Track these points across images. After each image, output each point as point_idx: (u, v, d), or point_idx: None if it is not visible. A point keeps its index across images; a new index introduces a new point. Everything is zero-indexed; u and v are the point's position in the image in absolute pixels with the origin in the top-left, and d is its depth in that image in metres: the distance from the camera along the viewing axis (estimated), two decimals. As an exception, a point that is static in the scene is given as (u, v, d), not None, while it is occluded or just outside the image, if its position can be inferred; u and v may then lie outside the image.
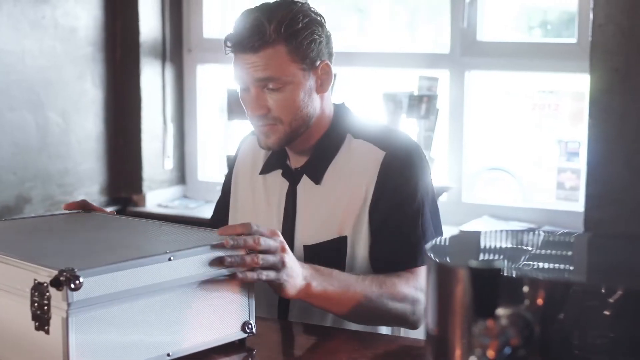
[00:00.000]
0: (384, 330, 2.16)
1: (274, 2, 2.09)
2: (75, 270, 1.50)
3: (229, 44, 2.05)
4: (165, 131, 4.33)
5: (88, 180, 4.09)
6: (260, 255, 1.78)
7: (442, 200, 3.69)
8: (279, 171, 2.22)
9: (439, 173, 3.81)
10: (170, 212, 4.13)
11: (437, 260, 1.13)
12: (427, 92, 3.69)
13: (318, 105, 2.10)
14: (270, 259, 1.79)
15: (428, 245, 1.19)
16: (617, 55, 3.22)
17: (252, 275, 1.77)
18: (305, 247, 2.12)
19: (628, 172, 3.21)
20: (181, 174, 4.46)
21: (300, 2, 2.09)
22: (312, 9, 2.11)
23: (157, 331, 1.66)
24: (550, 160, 3.85)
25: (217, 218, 2.37)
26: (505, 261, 1.20)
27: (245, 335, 1.81)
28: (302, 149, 2.16)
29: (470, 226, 3.59)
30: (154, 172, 4.30)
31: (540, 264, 1.20)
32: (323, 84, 2.10)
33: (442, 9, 3.91)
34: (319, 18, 2.10)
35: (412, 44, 4.24)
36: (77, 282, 1.49)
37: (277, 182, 2.22)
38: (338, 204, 2.11)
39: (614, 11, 3.22)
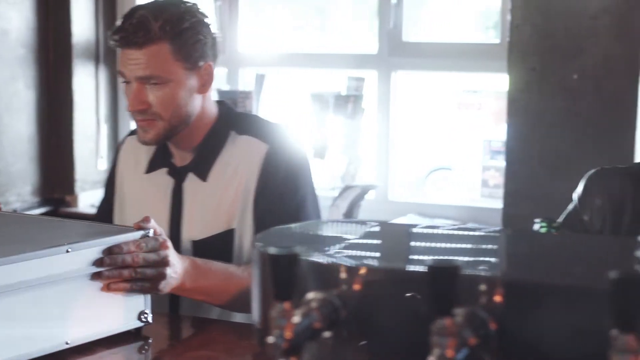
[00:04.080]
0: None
1: (163, 1, 2.13)
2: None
3: (115, 37, 2.08)
4: (98, 132, 4.35)
5: (20, 181, 4.10)
6: (139, 269, 1.83)
7: (368, 199, 3.75)
8: (164, 170, 2.25)
9: (366, 172, 3.87)
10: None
11: (261, 249, 1.18)
12: (354, 92, 3.75)
13: (199, 104, 2.15)
14: (148, 272, 1.85)
15: (259, 234, 1.24)
16: (533, 55, 3.30)
17: (124, 286, 1.82)
18: (194, 242, 2.18)
19: (543, 169, 3.29)
20: (115, 175, 4.47)
21: (189, 3, 2.14)
22: (200, 10, 2.15)
23: (56, 321, 1.71)
24: (476, 159, 3.92)
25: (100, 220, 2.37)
26: (311, 248, 1.24)
27: (142, 324, 1.86)
28: (186, 148, 2.20)
29: (396, 223, 3.65)
30: (87, 173, 4.31)
31: (354, 252, 1.26)
32: (205, 85, 2.15)
33: (371, 9, 3.97)
34: (205, 20, 2.15)
35: (343, 44, 4.30)
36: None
37: (163, 180, 2.25)
38: (224, 199, 2.16)
39: (530, 12, 3.30)
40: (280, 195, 2.12)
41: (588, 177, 2.02)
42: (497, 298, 1.11)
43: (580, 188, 2.03)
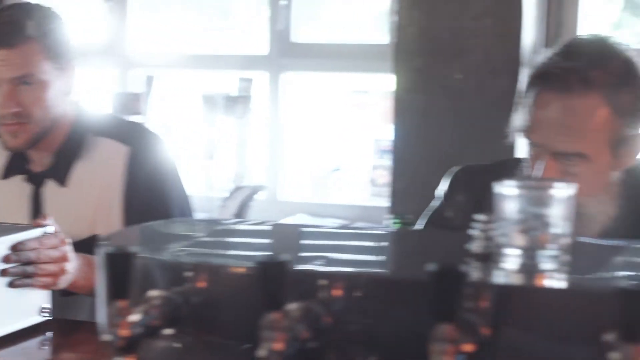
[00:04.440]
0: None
1: (26, 2, 2.12)
2: None
3: None
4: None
5: None
6: (42, 266, 1.85)
7: (258, 199, 3.76)
8: (21, 176, 2.22)
9: (256, 172, 3.88)
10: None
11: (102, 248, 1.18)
12: (244, 93, 3.76)
13: (65, 106, 2.13)
14: (51, 268, 1.86)
15: (107, 235, 1.24)
16: (418, 55, 3.35)
17: (28, 282, 1.84)
18: None
19: (429, 168, 3.33)
20: None
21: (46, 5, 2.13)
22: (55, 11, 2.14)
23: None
24: (366, 159, 3.96)
25: None
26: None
27: (43, 319, 1.87)
28: (44, 153, 2.18)
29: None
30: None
31: (198, 250, 1.27)
32: (71, 86, 2.14)
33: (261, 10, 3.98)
34: (63, 21, 2.14)
35: (233, 45, 4.29)
36: None
37: (20, 187, 2.22)
38: (87, 204, 2.14)
39: (415, 13, 3.34)
40: (149, 197, 2.12)
41: (452, 174, 2.06)
42: (335, 292, 1.12)
43: (444, 185, 2.06)
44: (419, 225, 2.08)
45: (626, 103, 1.75)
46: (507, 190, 1.15)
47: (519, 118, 1.84)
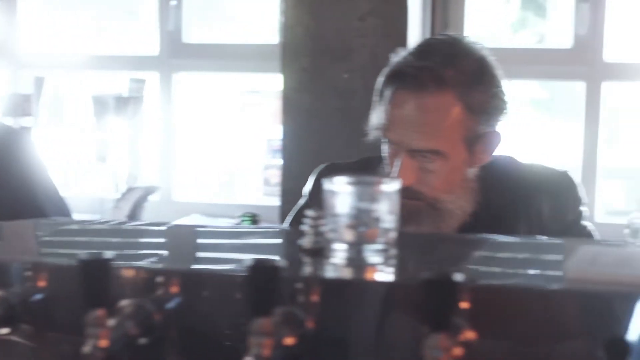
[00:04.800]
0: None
1: None
2: None
3: None
4: None
5: None
6: None
7: (153, 200, 3.76)
8: None
9: (150, 173, 3.87)
10: None
11: None
12: (135, 93, 3.74)
13: None
14: None
15: None
16: (305, 55, 3.38)
17: None
18: None
19: (317, 166, 3.36)
20: None
21: None
22: None
23: None
24: (259, 158, 3.98)
25: None
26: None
27: None
28: None
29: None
30: None
31: None
32: None
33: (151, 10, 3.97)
34: None
35: (124, 46, 4.27)
36: None
37: None
38: None
39: (302, 13, 3.37)
40: (14, 197, 2.11)
41: (317, 172, 2.08)
42: (164, 289, 1.14)
43: (309, 183, 2.09)
44: (287, 223, 2.11)
45: (479, 101, 1.80)
46: (336, 187, 1.18)
47: (376, 116, 1.88)
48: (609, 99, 3.63)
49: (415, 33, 3.44)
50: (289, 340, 1.06)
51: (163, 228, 1.39)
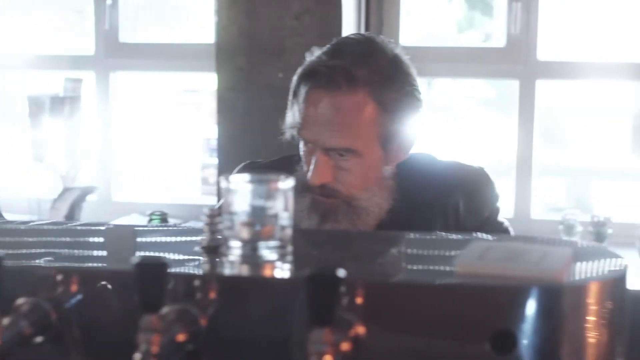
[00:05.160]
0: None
1: None
2: None
3: None
4: None
5: None
6: None
7: (91, 200, 3.74)
8: None
9: (88, 173, 3.86)
10: None
11: None
12: (72, 93, 3.72)
13: None
14: None
15: None
16: (240, 55, 3.39)
17: None
18: None
19: (252, 165, 3.38)
20: None
21: None
22: None
23: None
24: (197, 157, 3.98)
25: None
26: None
27: None
28: None
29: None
30: None
31: None
32: None
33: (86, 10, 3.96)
34: None
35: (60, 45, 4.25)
36: None
37: None
38: None
39: (236, 13, 3.38)
40: None
41: (237, 170, 2.10)
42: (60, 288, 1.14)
43: (229, 181, 2.10)
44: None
45: (393, 99, 1.82)
46: (232, 185, 1.19)
47: (290, 116, 1.90)
48: (553, 98, 3.68)
49: (350, 32, 3.46)
50: (180, 337, 1.08)
51: (64, 227, 1.40)
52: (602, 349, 1.12)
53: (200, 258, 1.21)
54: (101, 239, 1.40)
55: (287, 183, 1.19)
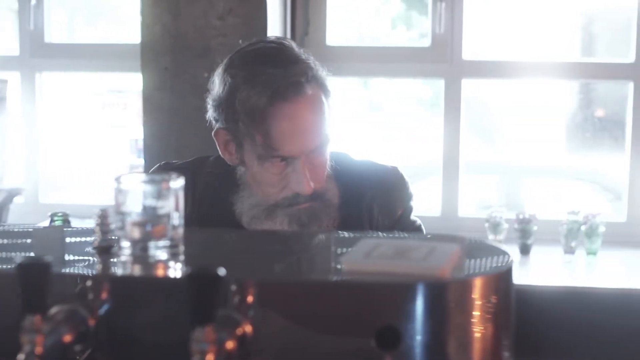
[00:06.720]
0: None
1: None
2: None
3: None
4: None
5: None
6: None
7: (19, 202, 3.71)
8: None
9: (14, 174, 3.83)
10: None
11: None
12: (-4, 94, 3.70)
13: None
14: None
15: None
16: (165, 54, 3.38)
17: None
18: None
19: (178, 166, 3.37)
20: None
21: None
22: None
23: None
24: (124, 158, 3.97)
25: None
26: None
27: None
28: None
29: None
30: None
31: None
32: None
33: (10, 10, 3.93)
34: None
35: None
36: None
37: None
38: None
39: (160, 12, 3.37)
40: None
41: (151, 171, 2.10)
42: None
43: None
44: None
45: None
46: (123, 185, 1.19)
47: (250, 140, 1.89)
48: (487, 97, 3.72)
49: (276, 32, 3.47)
50: (67, 338, 1.08)
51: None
52: (488, 343, 1.14)
53: (91, 258, 1.21)
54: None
55: (177, 182, 1.19)
